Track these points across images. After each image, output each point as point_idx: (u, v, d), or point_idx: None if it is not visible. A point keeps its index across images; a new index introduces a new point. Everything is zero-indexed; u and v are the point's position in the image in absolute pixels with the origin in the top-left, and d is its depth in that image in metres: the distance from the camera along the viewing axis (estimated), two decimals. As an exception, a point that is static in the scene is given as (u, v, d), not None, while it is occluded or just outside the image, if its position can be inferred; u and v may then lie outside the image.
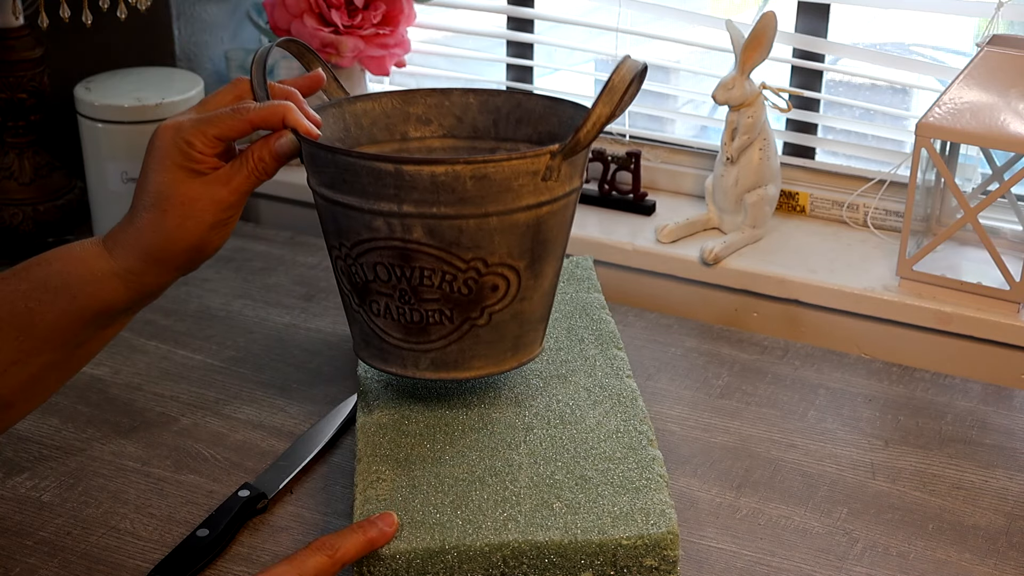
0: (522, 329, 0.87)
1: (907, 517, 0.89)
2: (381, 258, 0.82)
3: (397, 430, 0.88)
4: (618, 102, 0.80)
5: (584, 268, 1.10)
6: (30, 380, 0.82)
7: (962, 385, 1.06)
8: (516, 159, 0.79)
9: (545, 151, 0.80)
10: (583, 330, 1.00)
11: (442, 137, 0.96)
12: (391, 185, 0.79)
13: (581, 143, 0.81)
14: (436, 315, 0.84)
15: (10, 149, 1.30)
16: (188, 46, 1.44)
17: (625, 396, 0.92)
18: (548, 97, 0.93)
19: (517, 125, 0.95)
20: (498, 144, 0.96)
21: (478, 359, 0.87)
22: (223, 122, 0.80)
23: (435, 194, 0.79)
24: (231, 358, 1.09)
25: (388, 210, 0.80)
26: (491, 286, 0.83)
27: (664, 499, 0.80)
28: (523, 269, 0.84)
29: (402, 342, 0.86)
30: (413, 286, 0.83)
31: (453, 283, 0.82)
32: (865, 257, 1.22)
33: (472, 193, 0.79)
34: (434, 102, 0.96)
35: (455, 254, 0.81)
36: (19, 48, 1.25)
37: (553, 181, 0.82)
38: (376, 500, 0.80)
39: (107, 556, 0.85)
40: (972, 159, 1.22)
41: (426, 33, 1.50)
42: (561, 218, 0.85)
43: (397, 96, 0.95)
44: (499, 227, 0.81)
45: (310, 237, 1.32)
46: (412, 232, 0.80)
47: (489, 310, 0.84)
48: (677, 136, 1.39)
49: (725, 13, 1.36)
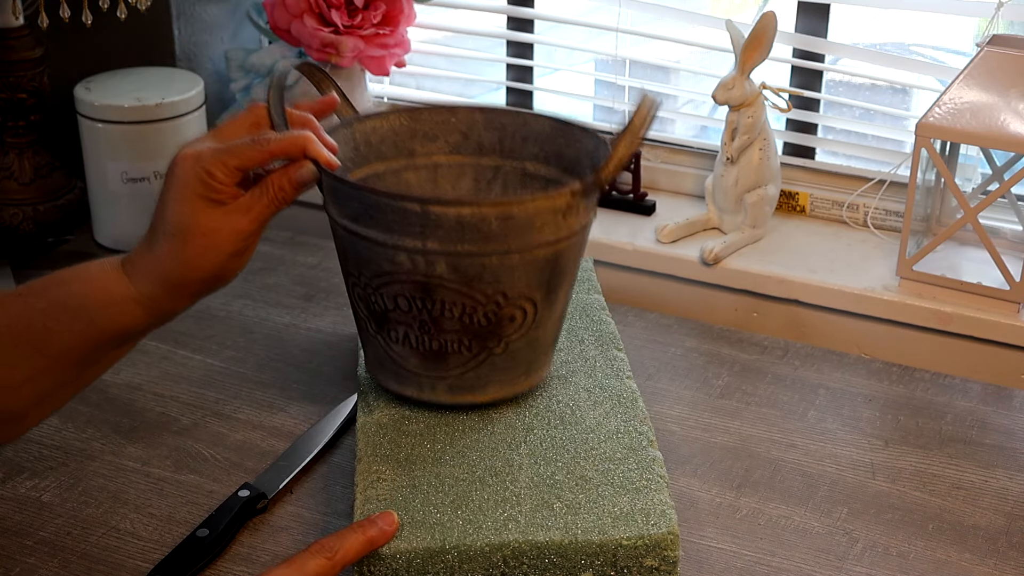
0: (535, 354, 0.89)
1: (907, 517, 0.89)
2: (403, 290, 0.83)
3: (397, 430, 0.88)
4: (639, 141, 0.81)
5: (584, 269, 1.10)
6: (43, 395, 0.83)
7: (962, 385, 1.06)
8: (540, 199, 0.80)
9: (567, 190, 0.81)
10: (583, 331, 1.00)
11: (448, 153, 0.97)
12: (416, 224, 0.80)
13: (602, 182, 0.82)
14: (455, 344, 0.85)
15: (10, 149, 1.30)
16: (188, 46, 1.44)
17: (625, 397, 0.92)
18: (556, 119, 0.94)
19: (523, 143, 0.95)
20: (503, 161, 0.96)
21: (493, 384, 0.88)
22: (243, 153, 0.80)
23: (460, 233, 0.79)
24: (231, 358, 1.09)
25: (412, 246, 0.81)
26: (509, 317, 0.84)
27: (664, 500, 0.80)
28: (540, 300, 0.85)
29: (419, 368, 0.87)
30: (434, 317, 0.83)
31: (473, 315, 0.83)
32: (865, 257, 1.22)
33: (497, 232, 0.80)
34: (440, 119, 0.96)
35: (477, 288, 0.82)
36: (19, 48, 1.25)
37: (572, 217, 0.83)
38: (376, 500, 0.80)
39: (107, 556, 0.85)
40: (972, 159, 1.22)
41: (426, 33, 1.50)
42: (577, 249, 0.86)
43: (405, 114, 0.96)
44: (520, 263, 0.82)
45: (310, 237, 1.32)
46: (435, 268, 0.81)
47: (506, 339, 0.85)
48: (677, 136, 1.39)
49: (725, 13, 1.36)
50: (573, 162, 0.92)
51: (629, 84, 1.39)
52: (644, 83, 1.41)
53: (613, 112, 1.40)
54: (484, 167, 0.97)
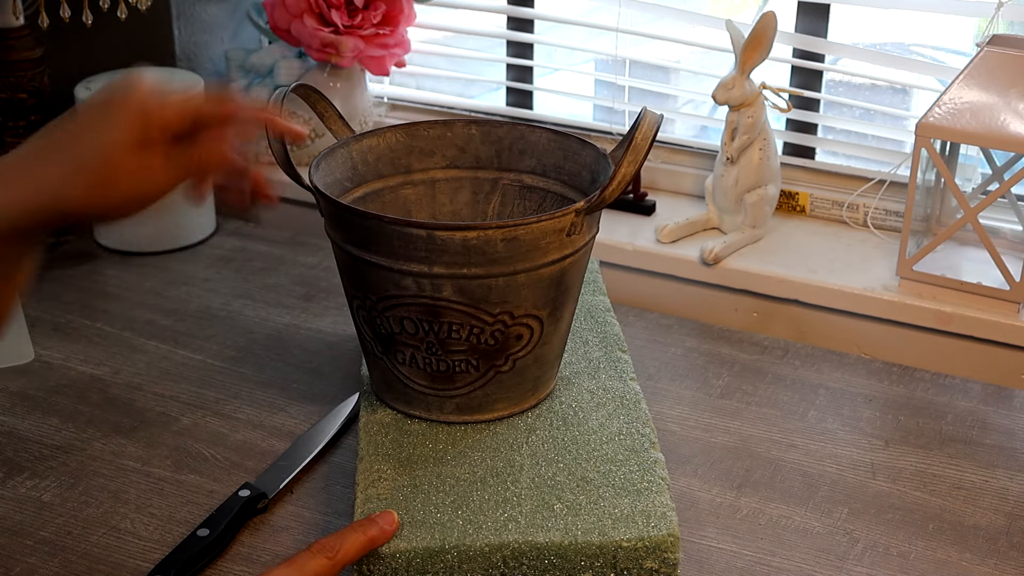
0: (542, 370, 0.89)
1: (907, 517, 0.89)
2: (409, 313, 0.83)
3: (400, 429, 0.88)
4: (642, 160, 0.81)
5: (591, 271, 1.10)
6: None
7: (962, 385, 1.06)
8: (545, 220, 0.81)
9: (571, 210, 0.81)
10: (588, 332, 1.00)
11: (445, 168, 0.97)
12: (422, 248, 0.80)
13: (606, 201, 0.82)
14: (463, 364, 0.85)
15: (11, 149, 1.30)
16: (188, 46, 1.44)
17: (628, 399, 0.92)
18: (553, 131, 0.94)
19: (520, 156, 0.96)
20: (501, 174, 0.96)
21: (501, 401, 0.88)
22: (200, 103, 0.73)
23: (466, 256, 0.80)
24: (231, 358, 1.09)
25: (418, 271, 0.81)
26: (516, 335, 0.85)
27: (665, 502, 0.80)
28: (546, 317, 0.85)
29: (427, 388, 0.87)
30: (441, 339, 0.84)
31: (480, 335, 0.83)
32: (865, 257, 1.22)
33: (502, 254, 0.80)
34: (436, 134, 0.96)
35: (483, 309, 0.82)
36: (19, 48, 1.25)
37: (576, 235, 0.83)
38: (377, 499, 0.80)
39: (107, 556, 0.85)
40: (972, 159, 1.22)
41: (426, 33, 1.50)
42: (581, 265, 0.87)
43: (401, 130, 0.96)
44: (526, 282, 0.82)
45: (310, 237, 1.32)
46: (442, 291, 0.81)
47: (513, 357, 0.86)
48: (677, 136, 1.39)
49: (725, 13, 1.36)
50: (573, 175, 0.92)
51: (629, 84, 1.39)
52: (644, 83, 1.41)
53: (613, 112, 1.40)
54: (482, 180, 0.97)
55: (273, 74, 1.39)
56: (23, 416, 1.00)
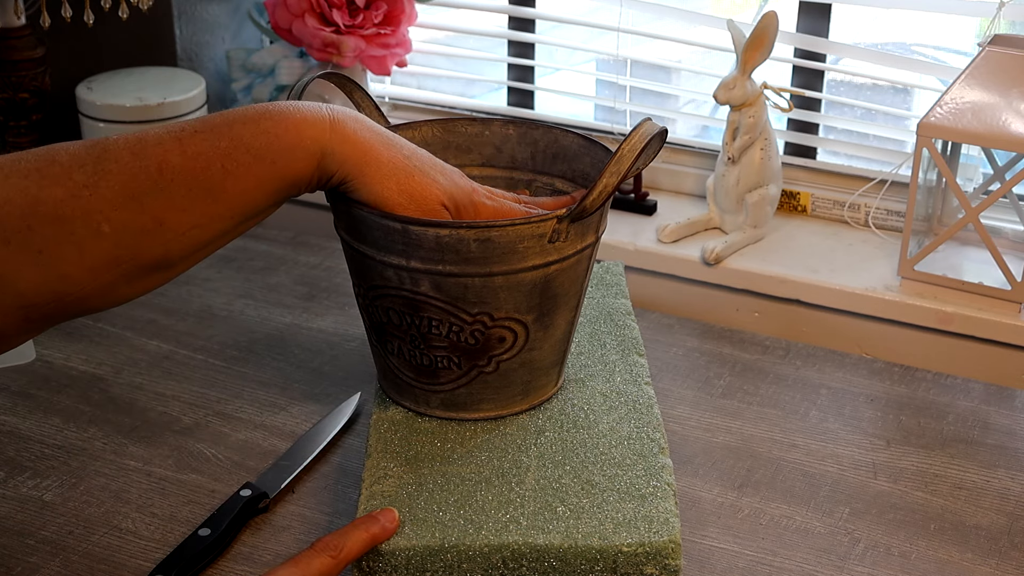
0: (532, 375, 0.88)
1: (909, 517, 0.89)
2: (393, 304, 0.84)
3: (409, 427, 0.88)
4: (627, 171, 0.80)
5: (614, 274, 1.09)
6: (201, 245, 0.75)
7: (964, 385, 1.06)
8: (520, 224, 0.80)
9: (551, 216, 0.81)
10: (606, 335, 1.00)
11: (480, 166, 0.97)
12: (399, 241, 0.81)
13: (587, 210, 0.81)
14: (445, 361, 0.85)
15: (12, 149, 1.30)
16: (189, 46, 1.44)
17: (641, 403, 0.91)
18: (583, 137, 0.94)
19: (553, 160, 0.96)
20: (535, 176, 0.97)
21: (486, 402, 0.88)
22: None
23: (440, 253, 0.80)
24: (233, 358, 1.09)
25: (398, 263, 0.82)
26: (498, 337, 0.84)
27: (669, 508, 0.80)
28: (531, 322, 0.85)
29: (414, 381, 0.88)
30: (422, 333, 0.84)
31: (460, 334, 0.84)
32: (866, 257, 1.22)
33: (476, 254, 0.80)
34: (474, 131, 0.97)
35: (461, 308, 0.82)
36: (21, 48, 1.25)
37: (562, 242, 0.82)
38: (381, 496, 0.80)
39: (109, 555, 0.85)
40: (973, 159, 1.22)
41: (427, 33, 1.50)
42: (573, 273, 0.86)
43: (438, 125, 0.96)
44: (504, 285, 0.82)
45: (312, 237, 1.32)
46: (420, 285, 0.82)
47: (497, 359, 0.86)
48: (678, 136, 1.39)
49: (726, 13, 1.36)
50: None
51: (630, 84, 1.39)
52: (645, 83, 1.41)
53: (614, 112, 1.40)
54: (517, 181, 0.97)
55: (274, 74, 1.39)
56: (24, 416, 1.00)
